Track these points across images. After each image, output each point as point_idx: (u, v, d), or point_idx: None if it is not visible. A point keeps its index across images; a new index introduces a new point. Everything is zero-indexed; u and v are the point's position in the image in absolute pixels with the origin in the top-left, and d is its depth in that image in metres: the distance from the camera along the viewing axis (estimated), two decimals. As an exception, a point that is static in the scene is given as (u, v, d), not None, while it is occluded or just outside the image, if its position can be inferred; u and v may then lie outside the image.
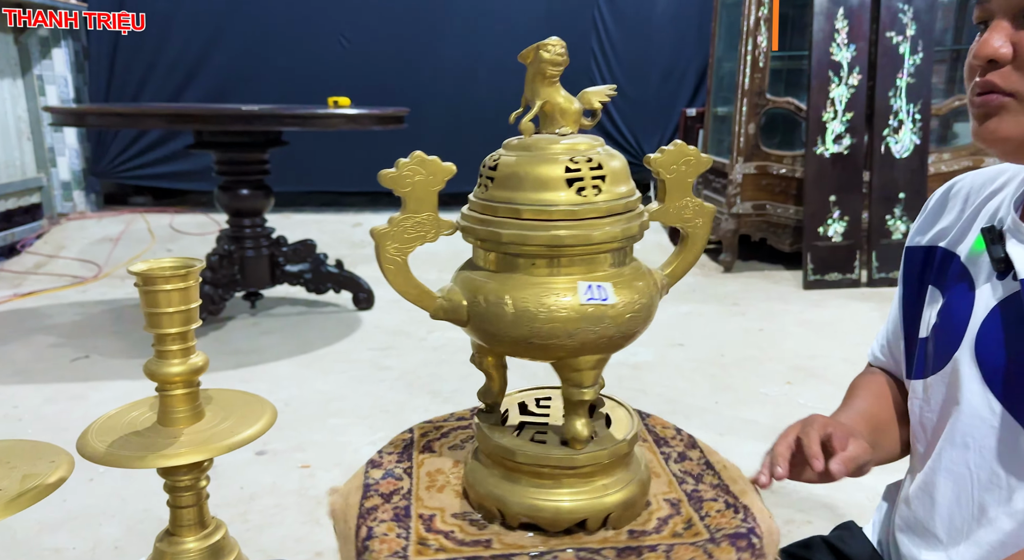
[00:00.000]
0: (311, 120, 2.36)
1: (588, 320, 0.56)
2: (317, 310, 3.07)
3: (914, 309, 0.83)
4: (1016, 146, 0.65)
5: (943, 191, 0.86)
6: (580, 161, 0.58)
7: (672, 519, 0.64)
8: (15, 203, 4.02)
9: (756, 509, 0.65)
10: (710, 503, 0.66)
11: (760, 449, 2.14)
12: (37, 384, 2.28)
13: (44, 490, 0.68)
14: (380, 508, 0.67)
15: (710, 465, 0.73)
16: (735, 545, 0.59)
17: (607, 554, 0.58)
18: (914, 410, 0.81)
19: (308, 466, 1.81)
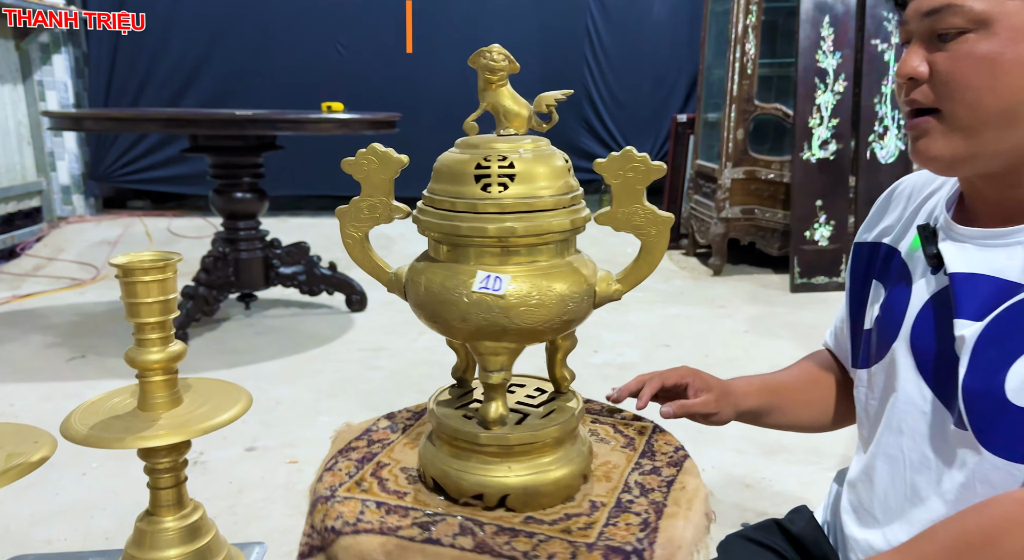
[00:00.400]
0: (303, 124, 2.41)
1: (479, 307, 0.61)
2: (310, 311, 3.12)
3: (860, 302, 0.88)
4: (947, 164, 0.69)
5: (888, 191, 0.91)
6: (492, 159, 0.62)
7: (578, 517, 0.65)
8: (15, 207, 4.07)
9: (667, 535, 0.63)
10: (631, 516, 0.66)
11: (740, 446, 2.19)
12: (34, 382, 2.33)
13: (27, 468, 0.72)
14: (358, 449, 0.73)
15: (671, 485, 0.72)
16: (606, 558, 0.60)
17: (488, 529, 0.63)
18: (859, 398, 0.85)
19: (296, 462, 1.86)
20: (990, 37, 0.63)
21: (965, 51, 0.64)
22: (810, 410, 0.95)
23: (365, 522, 0.66)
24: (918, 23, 0.67)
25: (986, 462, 0.67)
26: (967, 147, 0.67)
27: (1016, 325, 0.66)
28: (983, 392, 0.66)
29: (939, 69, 0.66)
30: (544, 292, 0.62)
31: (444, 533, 0.64)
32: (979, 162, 0.68)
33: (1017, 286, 0.67)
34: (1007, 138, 0.65)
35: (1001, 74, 0.63)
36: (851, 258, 0.91)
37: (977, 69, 0.64)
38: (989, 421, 0.66)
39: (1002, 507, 0.62)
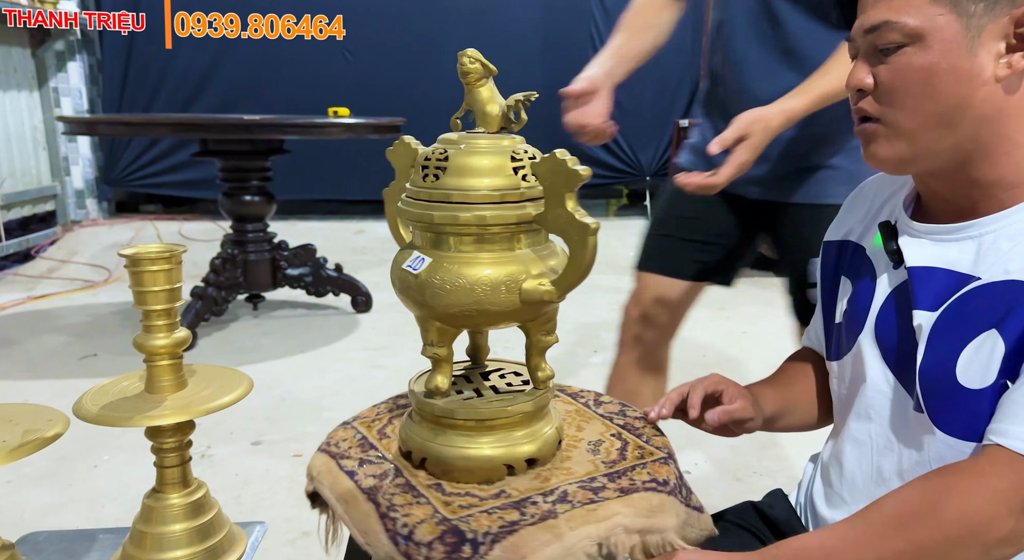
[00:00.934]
0: (310, 129, 2.47)
1: (403, 283, 0.69)
2: (317, 312, 3.18)
3: (830, 298, 0.92)
4: (894, 165, 0.75)
5: (855, 191, 0.96)
6: (434, 153, 0.69)
7: (478, 497, 0.69)
8: (30, 210, 4.17)
9: (515, 542, 0.63)
10: (515, 513, 0.67)
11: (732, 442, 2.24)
12: (48, 380, 2.40)
13: (42, 443, 0.78)
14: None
15: (590, 504, 0.69)
16: (442, 536, 0.62)
17: (396, 482, 0.71)
18: (833, 388, 0.90)
19: (300, 455, 1.91)
20: (925, 50, 0.68)
21: (904, 63, 0.70)
22: (808, 410, 0.98)
23: (335, 447, 0.79)
24: (862, 39, 0.73)
25: (940, 442, 0.71)
26: (910, 149, 0.72)
27: (966, 313, 0.70)
28: (937, 376, 0.71)
29: (882, 80, 0.72)
30: (453, 278, 0.66)
31: (365, 472, 0.74)
32: (923, 161, 0.73)
33: (968, 277, 0.71)
34: (946, 139, 0.71)
35: (936, 82, 0.69)
36: (821, 257, 0.95)
37: (915, 79, 0.69)
38: (942, 403, 0.71)
39: (945, 477, 0.66)
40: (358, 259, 3.91)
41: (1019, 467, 0.62)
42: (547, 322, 0.74)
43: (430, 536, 0.63)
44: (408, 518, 0.65)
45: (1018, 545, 0.64)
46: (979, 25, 0.67)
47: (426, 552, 0.62)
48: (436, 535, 0.63)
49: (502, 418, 0.71)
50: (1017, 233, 0.70)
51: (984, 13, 0.67)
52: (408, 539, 0.63)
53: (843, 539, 0.68)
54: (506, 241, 0.69)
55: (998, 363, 0.67)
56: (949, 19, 0.67)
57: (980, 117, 0.69)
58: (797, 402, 0.97)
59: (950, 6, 0.67)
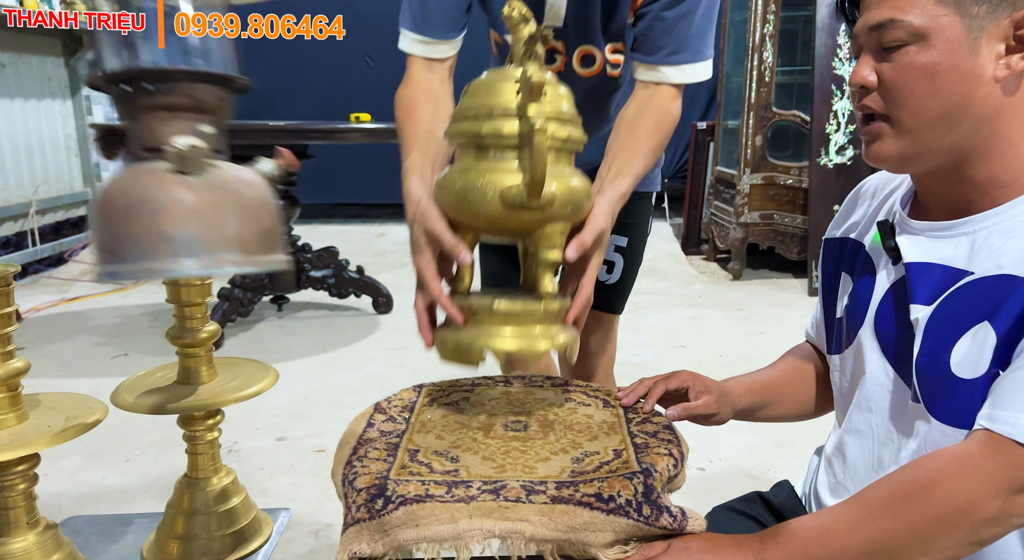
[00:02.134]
0: (332, 134, 2.54)
1: None
2: (339, 313, 3.24)
3: (832, 294, 0.95)
4: (897, 163, 0.77)
5: (855, 190, 0.98)
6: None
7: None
8: (63, 216, 4.29)
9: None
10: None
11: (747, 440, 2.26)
12: (81, 378, 2.48)
13: (83, 428, 0.84)
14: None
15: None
16: None
17: (408, 446, 0.77)
18: (835, 381, 0.93)
19: (323, 451, 1.97)
20: (928, 49, 0.70)
21: (907, 61, 0.71)
22: (797, 401, 1.02)
23: (384, 403, 0.87)
24: (866, 37, 0.75)
25: (936, 430, 0.74)
26: (913, 146, 0.74)
27: (960, 307, 0.72)
28: (933, 367, 0.73)
29: (885, 78, 0.73)
30: (451, 183, 0.82)
31: (383, 428, 0.82)
32: (924, 159, 0.75)
33: (962, 272, 0.74)
34: (947, 137, 0.73)
35: (939, 81, 0.70)
36: (823, 254, 0.98)
37: (918, 77, 0.71)
38: (938, 393, 0.73)
39: (937, 461, 0.69)
40: (379, 261, 3.97)
41: (1006, 449, 0.64)
42: (548, 237, 0.81)
43: (363, 485, 0.69)
44: (364, 469, 0.72)
45: (1006, 525, 0.66)
46: (981, 26, 0.69)
47: (353, 496, 0.69)
48: (367, 485, 0.69)
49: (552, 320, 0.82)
50: (1009, 229, 0.72)
51: (986, 15, 0.68)
52: (351, 483, 0.71)
53: (838, 520, 0.70)
54: (503, 153, 0.79)
55: (990, 354, 0.69)
56: (953, 19, 0.69)
57: (979, 116, 0.71)
58: (783, 394, 1.00)
59: (954, 7, 0.69)
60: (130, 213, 0.56)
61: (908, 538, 0.66)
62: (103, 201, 0.58)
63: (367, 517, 0.66)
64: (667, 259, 4.16)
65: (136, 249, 0.56)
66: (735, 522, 0.99)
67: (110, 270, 0.57)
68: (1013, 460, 0.64)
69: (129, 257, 0.56)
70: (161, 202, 0.56)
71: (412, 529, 0.65)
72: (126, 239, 0.56)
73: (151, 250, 0.56)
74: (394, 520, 0.65)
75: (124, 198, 0.56)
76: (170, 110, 0.60)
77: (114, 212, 0.57)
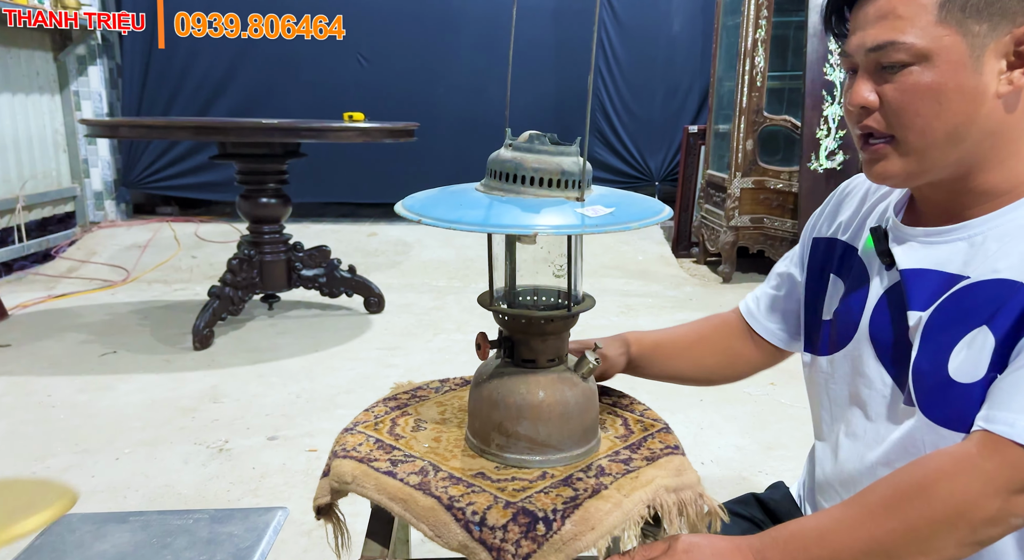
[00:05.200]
0: (325, 133, 2.53)
1: None
2: (330, 312, 3.23)
3: (816, 294, 0.95)
4: (902, 180, 0.77)
5: (840, 189, 0.98)
6: None
7: (522, 481, 0.75)
8: (51, 211, 4.25)
9: (585, 514, 0.68)
10: (568, 489, 0.72)
11: (739, 443, 2.27)
12: (69, 376, 2.46)
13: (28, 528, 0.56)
14: (399, 399, 0.92)
15: (628, 473, 0.76)
16: (515, 516, 0.68)
17: (440, 474, 0.76)
18: (819, 382, 0.93)
19: (315, 450, 1.96)
20: (932, 69, 0.70)
21: (911, 83, 0.71)
22: (692, 365, 1.04)
23: (356, 451, 0.81)
24: (863, 57, 0.74)
25: (932, 433, 0.75)
26: (919, 165, 0.74)
27: (957, 311, 0.73)
28: (930, 372, 0.74)
29: (888, 99, 0.73)
30: None
31: (404, 470, 0.76)
32: (929, 175, 0.76)
33: (958, 277, 0.74)
34: (952, 154, 0.73)
35: (945, 101, 0.70)
36: (809, 253, 0.97)
37: (923, 99, 0.71)
38: (935, 397, 0.74)
39: (936, 461, 0.69)
40: (371, 261, 3.96)
41: (1005, 450, 0.65)
42: None
43: (503, 519, 0.67)
44: (474, 506, 0.69)
45: (1004, 525, 0.66)
46: (983, 44, 0.69)
47: (501, 535, 0.66)
48: (508, 518, 0.67)
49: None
50: (1005, 234, 0.73)
51: (988, 32, 0.68)
52: (481, 525, 0.67)
53: (837, 520, 0.71)
54: None
55: (988, 358, 0.69)
56: (955, 39, 0.69)
57: (983, 132, 0.71)
58: (674, 354, 1.03)
59: (956, 27, 0.68)
60: (567, 414, 0.78)
61: (907, 538, 0.67)
62: (538, 404, 0.77)
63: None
64: (657, 261, 4.18)
65: (570, 441, 0.78)
66: (731, 523, 1.00)
67: (539, 460, 0.78)
68: (1012, 460, 0.65)
69: (565, 448, 0.78)
70: (586, 405, 0.80)
71: (583, 539, 0.68)
72: (564, 434, 0.78)
73: (579, 441, 0.79)
74: (566, 534, 0.67)
75: (562, 405, 0.78)
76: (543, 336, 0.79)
77: (553, 415, 0.77)
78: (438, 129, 4.52)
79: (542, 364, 0.78)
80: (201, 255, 4.10)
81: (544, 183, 0.71)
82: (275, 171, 2.82)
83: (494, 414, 0.77)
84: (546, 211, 0.69)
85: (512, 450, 0.77)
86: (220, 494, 1.75)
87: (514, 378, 0.77)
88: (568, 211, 0.69)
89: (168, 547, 1.00)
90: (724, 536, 0.74)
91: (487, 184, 0.73)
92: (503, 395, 0.77)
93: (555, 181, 0.71)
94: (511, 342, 0.78)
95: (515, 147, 0.72)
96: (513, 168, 0.71)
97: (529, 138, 0.73)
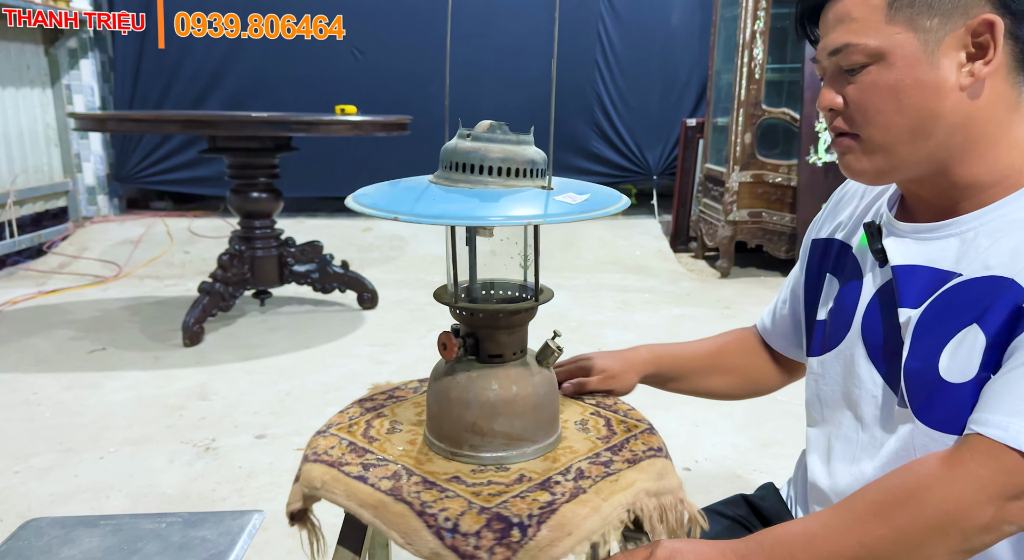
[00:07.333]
0: (316, 126, 2.49)
1: None
2: (323, 308, 3.20)
3: (814, 295, 0.93)
4: (873, 177, 0.77)
5: (841, 190, 0.97)
6: None
7: (498, 485, 0.71)
8: (43, 206, 4.21)
9: (562, 519, 0.66)
10: (545, 493, 0.69)
11: (734, 440, 2.25)
12: (56, 373, 2.43)
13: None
14: (375, 400, 0.88)
15: (608, 476, 0.73)
16: (488, 522, 0.65)
17: (413, 478, 0.73)
18: (810, 384, 0.91)
19: (303, 449, 1.93)
20: (889, 67, 0.70)
21: (870, 82, 0.72)
22: (713, 381, 1.04)
23: (326, 455, 0.77)
24: (828, 60, 0.75)
25: (924, 435, 0.72)
26: (887, 162, 0.74)
27: (948, 309, 0.71)
28: (921, 372, 0.72)
29: (851, 99, 0.74)
30: None
31: (375, 475, 0.73)
32: (900, 172, 0.75)
33: (950, 274, 0.72)
34: (921, 149, 0.72)
35: (904, 97, 0.70)
36: (808, 254, 0.96)
37: (883, 96, 0.71)
38: (926, 398, 0.72)
39: (927, 465, 0.67)
40: (364, 256, 3.93)
41: (998, 455, 0.63)
42: None
43: (476, 525, 0.64)
44: (447, 512, 0.66)
45: (998, 532, 0.64)
46: (937, 38, 0.69)
47: (475, 542, 0.63)
48: (482, 524, 0.64)
49: None
50: (996, 230, 0.71)
51: (940, 27, 0.69)
52: (454, 532, 0.64)
53: (825, 525, 0.69)
54: None
55: (979, 357, 0.68)
56: (907, 36, 0.69)
57: (951, 125, 0.71)
58: (696, 370, 1.02)
59: (906, 24, 0.69)
60: (539, 405, 0.77)
61: (897, 545, 0.65)
62: (512, 399, 0.75)
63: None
64: (655, 256, 4.15)
65: (542, 431, 0.77)
66: (720, 526, 0.97)
67: (471, 455, 0.76)
68: (1006, 465, 0.63)
69: (538, 439, 0.77)
70: (552, 393, 0.79)
71: (557, 546, 0.66)
72: (536, 425, 0.77)
73: (549, 430, 0.79)
74: (542, 541, 0.65)
75: (534, 396, 0.76)
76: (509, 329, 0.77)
77: (527, 407, 0.76)
78: (433, 121, 4.48)
79: (508, 358, 0.76)
80: (194, 250, 4.07)
81: (511, 173, 0.68)
82: (266, 165, 2.79)
83: (466, 414, 0.74)
84: (520, 200, 0.65)
85: (487, 449, 0.74)
86: (205, 494, 1.72)
87: (484, 375, 0.74)
88: (543, 199, 0.66)
89: (138, 552, 0.97)
90: (708, 541, 0.71)
91: (446, 176, 0.70)
92: (476, 394, 0.74)
93: (522, 171, 0.68)
94: (475, 338, 0.75)
95: (475, 137, 0.69)
96: (478, 159, 0.68)
97: (490, 128, 0.70)
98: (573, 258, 4.05)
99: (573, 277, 3.78)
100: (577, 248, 4.17)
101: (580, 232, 4.31)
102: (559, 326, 0.86)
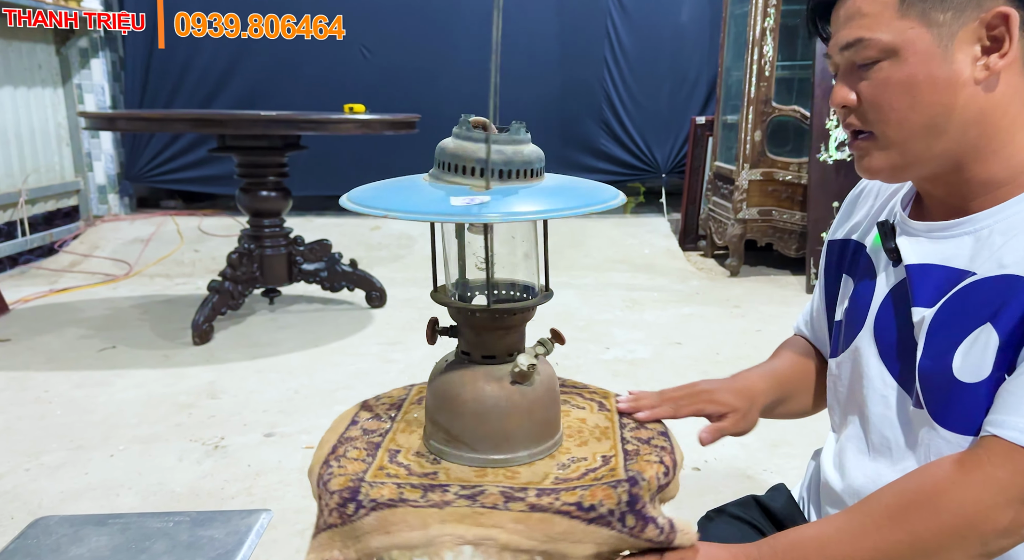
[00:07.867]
0: (325, 125, 2.49)
1: None
2: (332, 307, 3.21)
3: (833, 296, 0.93)
4: (889, 174, 0.76)
5: (856, 190, 0.96)
6: None
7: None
8: (54, 205, 4.24)
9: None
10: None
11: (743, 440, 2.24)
12: (67, 371, 2.44)
13: None
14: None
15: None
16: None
17: (393, 445, 0.73)
18: (829, 385, 0.90)
19: (312, 447, 1.93)
20: (901, 63, 0.69)
21: (883, 78, 0.71)
22: (802, 397, 0.99)
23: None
24: (840, 56, 0.74)
25: (939, 437, 0.71)
26: (902, 158, 0.73)
27: (962, 308, 0.70)
28: (935, 372, 0.71)
29: (865, 96, 0.73)
30: None
31: (366, 424, 0.78)
32: (916, 168, 0.74)
33: (964, 273, 0.71)
34: (936, 145, 0.71)
35: (917, 93, 0.69)
36: (825, 255, 0.95)
37: (896, 92, 0.70)
38: (940, 399, 0.71)
39: (943, 468, 0.66)
40: (373, 255, 3.93)
41: (1016, 457, 0.62)
42: None
43: (337, 487, 0.66)
44: (341, 469, 0.69)
45: (1017, 536, 0.64)
46: (950, 33, 0.68)
47: (327, 498, 0.65)
48: (340, 487, 0.66)
49: None
50: (1010, 228, 0.70)
51: (953, 21, 0.68)
52: (325, 484, 0.67)
53: (840, 530, 0.68)
54: None
55: (993, 357, 0.67)
56: (920, 31, 0.69)
57: (965, 120, 0.70)
58: (795, 389, 0.97)
59: (918, 18, 0.68)
60: (481, 414, 0.71)
61: (913, 549, 0.64)
62: (455, 397, 0.73)
63: (339, 522, 0.64)
64: (664, 255, 4.13)
65: (487, 443, 0.72)
66: (731, 528, 0.96)
67: (457, 455, 0.72)
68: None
69: (480, 449, 0.72)
70: (506, 408, 0.72)
71: (383, 536, 0.63)
72: (478, 434, 0.72)
73: (497, 446, 0.72)
74: (365, 526, 0.63)
75: (478, 403, 0.71)
76: (507, 329, 0.74)
77: (465, 410, 0.72)
78: (441, 120, 4.46)
79: (502, 358, 0.74)
80: (204, 249, 4.08)
81: (505, 174, 0.68)
82: (275, 164, 2.79)
83: (455, 416, 0.72)
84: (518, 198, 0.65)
85: (479, 450, 0.71)
86: (214, 492, 1.72)
87: (475, 375, 0.72)
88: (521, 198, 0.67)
89: (146, 551, 0.97)
90: (721, 544, 0.70)
91: (437, 175, 0.70)
92: (465, 394, 0.72)
93: (521, 171, 0.69)
94: (462, 335, 0.75)
95: (464, 136, 0.70)
96: (465, 158, 0.69)
97: (482, 125, 0.70)
98: (582, 256, 4.04)
99: (581, 275, 3.77)
100: (586, 246, 4.16)
101: (589, 230, 4.30)
102: (567, 325, 0.84)
